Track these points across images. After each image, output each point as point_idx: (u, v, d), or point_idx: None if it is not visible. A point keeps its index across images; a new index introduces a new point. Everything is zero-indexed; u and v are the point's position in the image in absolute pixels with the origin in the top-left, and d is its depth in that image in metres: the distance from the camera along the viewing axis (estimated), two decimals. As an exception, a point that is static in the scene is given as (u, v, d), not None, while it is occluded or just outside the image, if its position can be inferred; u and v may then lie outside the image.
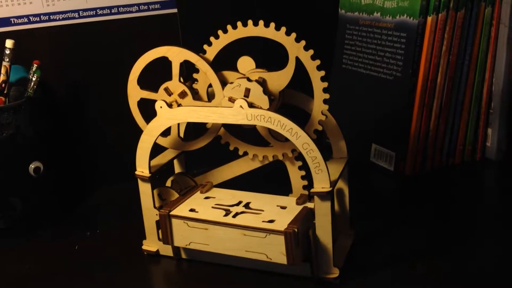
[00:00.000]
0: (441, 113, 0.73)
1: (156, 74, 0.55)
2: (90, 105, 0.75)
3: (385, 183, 0.74)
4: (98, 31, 0.72)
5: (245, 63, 0.54)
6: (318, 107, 0.53)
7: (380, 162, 0.76)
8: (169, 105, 0.54)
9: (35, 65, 0.65)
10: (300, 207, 0.54)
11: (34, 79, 0.65)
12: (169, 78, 0.55)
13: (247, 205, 0.56)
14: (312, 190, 0.50)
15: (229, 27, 0.53)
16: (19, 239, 0.64)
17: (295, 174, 0.57)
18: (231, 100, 0.51)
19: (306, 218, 0.52)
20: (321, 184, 0.50)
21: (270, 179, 0.62)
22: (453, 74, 0.73)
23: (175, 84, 0.55)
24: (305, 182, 0.57)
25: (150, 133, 0.55)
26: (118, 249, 0.61)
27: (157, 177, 0.59)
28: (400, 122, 0.73)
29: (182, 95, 0.55)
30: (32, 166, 0.65)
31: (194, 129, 0.60)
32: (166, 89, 0.55)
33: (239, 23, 0.52)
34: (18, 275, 0.57)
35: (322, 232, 0.51)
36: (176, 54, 0.54)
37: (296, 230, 0.49)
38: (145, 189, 0.57)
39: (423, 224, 0.62)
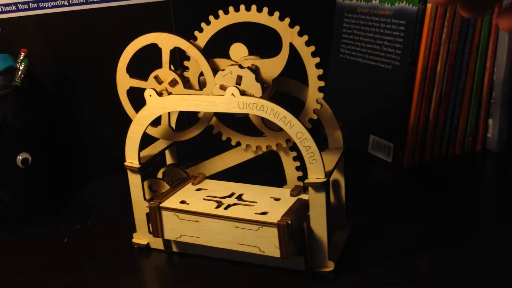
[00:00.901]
0: (440, 103, 0.72)
1: (147, 62, 0.53)
2: (80, 95, 0.73)
3: (383, 174, 0.73)
4: (89, 19, 0.71)
5: (238, 50, 0.52)
6: (313, 95, 0.51)
7: (378, 153, 0.75)
8: (159, 94, 0.52)
9: (22, 54, 0.63)
10: (294, 199, 0.52)
11: (21, 68, 0.63)
12: (160, 66, 0.53)
13: (239, 197, 0.54)
14: (306, 181, 0.48)
15: (220, 12, 0.51)
16: (7, 233, 0.63)
17: (289, 165, 0.56)
18: (223, 88, 0.50)
19: (300, 210, 0.50)
20: (315, 175, 0.48)
21: (264, 170, 0.60)
22: (453, 62, 0.71)
23: (166, 72, 0.53)
24: (300, 173, 0.56)
25: (139, 123, 0.53)
26: (108, 242, 0.60)
27: (150, 169, 0.58)
28: (398, 113, 0.71)
29: (173, 83, 0.53)
30: (20, 157, 0.63)
31: (188, 119, 0.58)
32: (156, 77, 0.54)
33: (230, 8, 0.51)
34: (6, 269, 0.56)
35: (316, 225, 0.49)
36: (166, 41, 0.53)
37: (289, 222, 0.47)
38: (134, 180, 0.55)
39: (422, 216, 0.61)
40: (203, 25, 0.52)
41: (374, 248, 0.55)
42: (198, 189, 0.56)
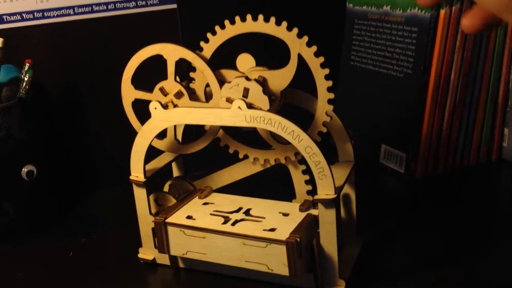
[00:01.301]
0: (454, 112, 0.70)
1: (152, 73, 0.51)
2: (85, 106, 0.72)
3: (395, 186, 0.71)
4: (94, 28, 0.70)
5: (245, 61, 0.51)
6: (322, 107, 0.49)
7: (390, 163, 0.73)
8: (164, 106, 0.51)
9: (27, 64, 0.62)
10: (303, 214, 0.50)
11: (26, 79, 0.62)
12: (165, 77, 0.52)
13: (247, 212, 0.53)
14: (315, 197, 0.47)
15: (227, 22, 0.50)
16: (11, 246, 0.61)
17: (298, 179, 0.54)
18: (229, 100, 0.48)
19: (309, 227, 0.48)
20: (325, 191, 0.46)
21: (272, 183, 0.59)
22: (467, 70, 0.69)
23: (171, 84, 0.52)
24: (309, 187, 0.54)
25: (144, 136, 0.52)
26: (114, 256, 0.59)
27: (158, 179, 0.57)
28: (411, 122, 0.69)
29: (178, 95, 0.52)
30: (25, 169, 0.62)
31: (197, 130, 0.57)
32: (162, 89, 0.52)
33: (237, 18, 0.49)
34: (10, 282, 0.55)
35: (326, 241, 0.48)
36: (171, 52, 0.51)
37: (298, 240, 0.46)
38: (140, 194, 0.54)
39: (435, 229, 0.59)
40: (209, 35, 0.51)
41: (386, 263, 0.53)
42: (205, 203, 0.55)
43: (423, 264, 0.52)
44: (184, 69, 0.54)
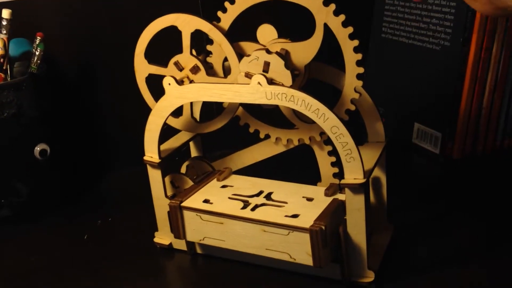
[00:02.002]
0: (496, 87, 0.65)
1: (168, 48, 0.48)
2: (101, 81, 0.69)
3: (429, 168, 0.67)
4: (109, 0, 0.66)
5: (266, 32, 0.46)
6: (351, 83, 0.45)
7: (423, 144, 0.69)
8: (179, 82, 0.47)
9: (38, 38, 0.59)
10: (329, 199, 0.47)
11: (37, 53, 0.59)
12: (180, 51, 0.48)
13: (268, 196, 0.49)
14: (342, 181, 0.43)
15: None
16: (24, 228, 0.60)
17: (324, 160, 0.50)
18: (248, 75, 0.44)
19: (336, 213, 0.45)
20: (353, 175, 0.42)
21: (296, 166, 0.55)
22: (511, 42, 0.63)
23: (186, 58, 0.48)
24: (336, 170, 0.50)
25: (158, 114, 0.49)
26: (130, 240, 0.56)
27: (177, 158, 0.54)
28: (448, 98, 0.65)
29: (194, 70, 0.48)
30: (37, 148, 0.60)
31: (217, 108, 0.53)
32: (177, 64, 0.49)
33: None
34: (22, 267, 0.53)
35: (354, 230, 0.44)
36: (186, 23, 0.47)
37: (323, 227, 0.42)
38: (155, 176, 0.51)
39: (475, 216, 0.55)
40: (226, 4, 0.47)
41: (420, 253, 0.49)
42: (223, 186, 0.52)
43: (460, 256, 0.48)
44: (203, 43, 0.50)
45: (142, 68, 0.50)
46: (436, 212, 0.56)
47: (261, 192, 0.50)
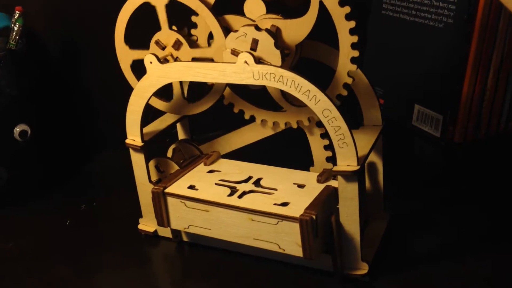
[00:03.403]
0: (501, 68, 0.63)
1: (148, 28, 0.45)
2: (84, 60, 0.66)
3: (429, 152, 0.65)
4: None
5: (254, 7, 0.43)
6: (344, 66, 0.42)
7: (424, 126, 0.66)
8: (163, 61, 0.44)
9: (17, 12, 0.56)
10: (321, 186, 0.44)
11: (16, 28, 0.56)
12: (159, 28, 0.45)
13: (257, 182, 0.47)
14: (335, 168, 0.40)
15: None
16: (4, 213, 0.57)
17: (316, 144, 0.48)
18: (234, 53, 0.41)
19: (328, 201, 0.42)
20: (346, 161, 0.40)
21: (288, 148, 0.52)
22: (518, 19, 0.61)
23: (166, 34, 0.45)
24: (329, 153, 0.48)
25: (140, 94, 0.46)
26: (114, 226, 0.54)
27: (168, 140, 0.52)
28: (450, 79, 0.63)
29: (177, 45, 0.45)
30: (17, 129, 0.57)
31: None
32: (158, 42, 0.46)
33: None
34: (1, 254, 0.51)
35: (347, 220, 0.41)
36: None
37: (314, 217, 0.40)
38: (138, 160, 0.49)
39: (476, 203, 0.53)
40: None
41: (417, 244, 0.47)
42: (210, 171, 0.49)
43: (459, 247, 0.46)
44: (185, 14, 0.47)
45: (125, 55, 0.48)
46: (435, 200, 0.54)
47: (250, 178, 0.47)
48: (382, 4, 0.72)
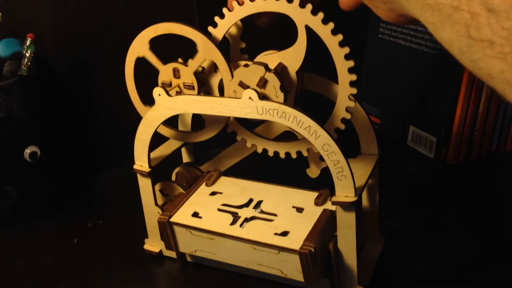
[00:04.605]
0: (493, 92, 0.63)
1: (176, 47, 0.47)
2: (93, 82, 0.67)
3: (424, 173, 0.65)
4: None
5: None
6: (343, 102, 0.44)
7: (418, 147, 0.68)
8: (168, 89, 0.46)
9: (29, 39, 0.58)
10: (319, 210, 0.46)
11: (27, 55, 0.58)
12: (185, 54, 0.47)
13: (257, 206, 0.48)
14: (333, 198, 0.42)
15: (234, 3, 0.44)
16: (13, 231, 0.59)
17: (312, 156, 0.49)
18: (242, 85, 0.43)
19: (326, 229, 0.44)
20: (344, 192, 0.42)
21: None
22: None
23: (164, 71, 0.47)
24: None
25: (148, 123, 0.48)
26: (120, 245, 0.56)
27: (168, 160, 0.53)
28: (444, 103, 0.63)
29: (188, 87, 0.47)
30: (27, 151, 0.59)
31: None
32: (163, 83, 0.48)
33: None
34: (9, 271, 0.53)
35: (345, 246, 0.43)
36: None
37: (313, 249, 0.42)
38: (145, 184, 0.50)
39: (469, 225, 0.54)
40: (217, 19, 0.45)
41: (413, 266, 0.49)
42: (212, 193, 0.51)
43: (454, 269, 0.48)
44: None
45: (138, 47, 0.48)
46: (429, 220, 0.55)
47: (250, 201, 0.49)
48: (379, 29, 0.72)
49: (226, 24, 0.45)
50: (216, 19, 0.45)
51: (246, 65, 0.44)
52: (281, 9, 0.42)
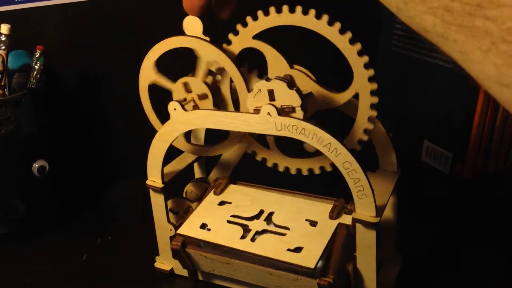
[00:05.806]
0: None
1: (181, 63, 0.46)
2: (102, 95, 0.66)
3: (438, 189, 0.64)
4: (112, 8, 0.63)
5: (191, 24, 0.45)
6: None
7: (432, 162, 0.66)
8: (184, 103, 0.45)
9: (38, 51, 0.57)
10: (333, 224, 0.45)
11: (37, 67, 0.57)
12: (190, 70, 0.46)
13: (269, 218, 0.47)
14: (354, 215, 0.41)
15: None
16: (21, 246, 0.57)
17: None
18: (257, 110, 0.42)
19: (343, 250, 0.43)
20: (365, 211, 0.40)
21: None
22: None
23: (198, 83, 0.46)
24: None
25: (163, 138, 0.47)
26: (129, 262, 0.54)
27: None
28: (460, 118, 0.62)
29: (202, 97, 0.46)
30: (36, 165, 0.57)
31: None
32: (186, 84, 0.47)
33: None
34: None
35: (364, 267, 0.42)
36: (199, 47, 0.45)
37: (331, 281, 0.41)
38: (157, 200, 0.49)
39: (488, 242, 0.53)
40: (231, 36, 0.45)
41: (431, 285, 0.48)
42: (221, 203, 0.49)
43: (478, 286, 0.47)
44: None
45: (148, 74, 0.48)
46: (447, 238, 0.54)
47: (261, 212, 0.47)
48: (392, 41, 0.71)
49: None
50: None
51: (267, 79, 0.43)
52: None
